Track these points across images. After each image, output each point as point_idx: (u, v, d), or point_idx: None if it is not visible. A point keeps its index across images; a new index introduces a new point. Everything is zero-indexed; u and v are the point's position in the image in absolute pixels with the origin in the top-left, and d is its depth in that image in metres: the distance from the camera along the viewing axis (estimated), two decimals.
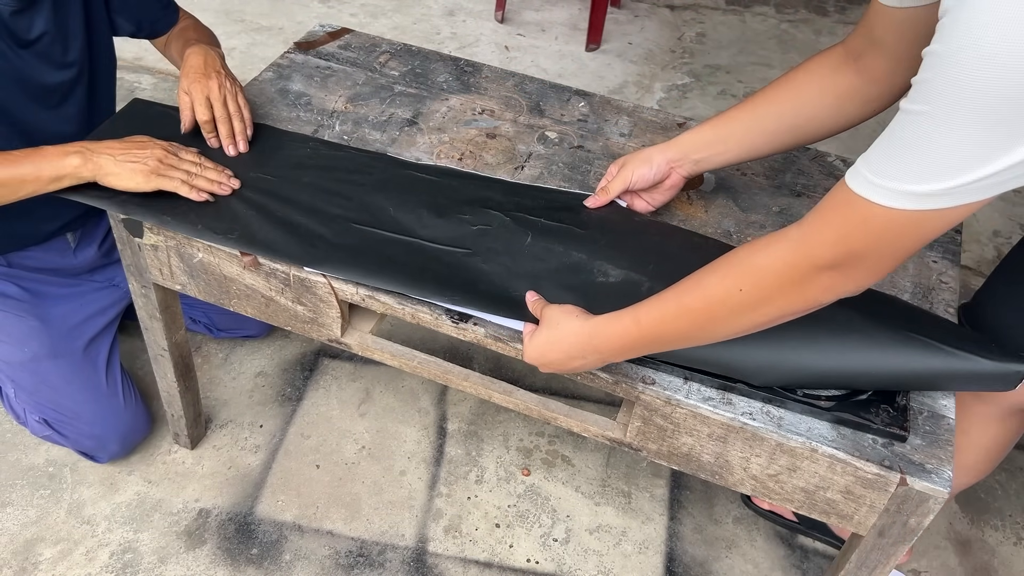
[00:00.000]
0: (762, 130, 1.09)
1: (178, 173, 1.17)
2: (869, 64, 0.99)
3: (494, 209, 1.19)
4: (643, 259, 1.12)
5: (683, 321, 0.89)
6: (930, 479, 0.95)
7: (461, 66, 1.53)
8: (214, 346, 1.83)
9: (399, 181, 1.24)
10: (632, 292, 1.07)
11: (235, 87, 1.30)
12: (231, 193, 1.20)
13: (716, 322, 0.88)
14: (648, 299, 0.92)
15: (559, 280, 1.10)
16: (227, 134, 1.26)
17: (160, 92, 2.55)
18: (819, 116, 1.05)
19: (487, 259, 1.12)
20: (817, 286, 0.80)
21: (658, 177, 1.16)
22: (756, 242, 0.85)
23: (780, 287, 0.82)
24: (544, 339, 1.00)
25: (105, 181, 1.16)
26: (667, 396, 1.03)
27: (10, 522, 1.50)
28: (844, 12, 3.29)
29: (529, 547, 1.53)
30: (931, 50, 0.65)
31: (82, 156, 1.15)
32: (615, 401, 1.73)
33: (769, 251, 0.82)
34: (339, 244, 1.14)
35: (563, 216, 1.19)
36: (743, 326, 0.87)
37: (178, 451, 1.63)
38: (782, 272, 0.81)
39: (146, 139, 1.20)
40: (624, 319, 0.93)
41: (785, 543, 1.57)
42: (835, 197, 0.77)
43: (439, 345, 1.83)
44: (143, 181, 1.15)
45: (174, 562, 1.47)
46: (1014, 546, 1.60)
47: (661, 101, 2.73)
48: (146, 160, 1.16)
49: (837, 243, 0.77)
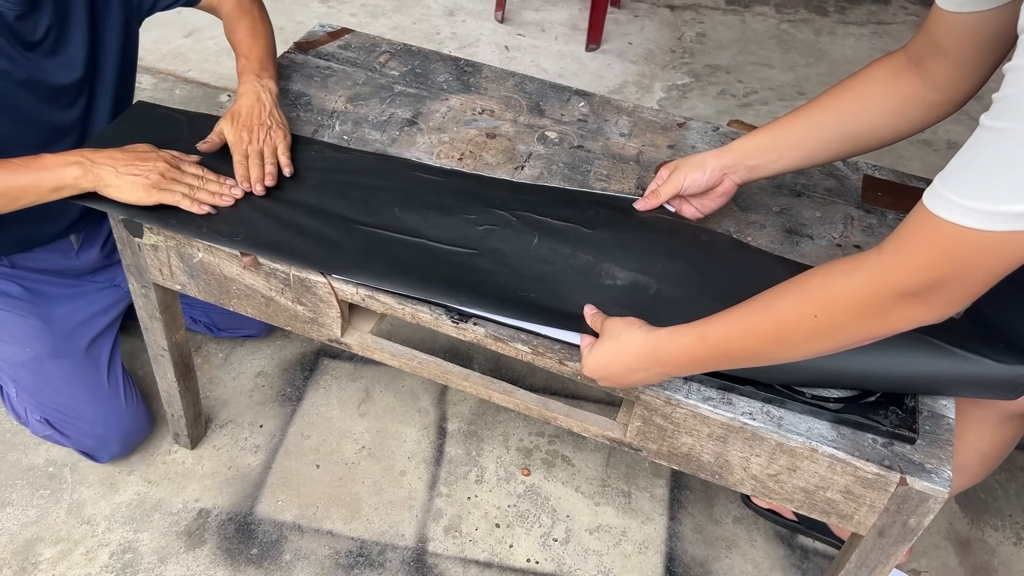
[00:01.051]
0: (819, 137, 1.06)
1: (180, 187, 1.16)
2: (931, 69, 0.97)
3: (500, 209, 1.19)
4: (651, 259, 1.11)
5: (751, 342, 0.87)
6: (930, 479, 0.95)
7: (461, 66, 1.53)
8: (214, 346, 1.83)
9: (404, 182, 1.24)
10: (640, 295, 1.07)
11: (275, 137, 1.25)
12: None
13: (786, 345, 0.85)
14: (714, 316, 0.89)
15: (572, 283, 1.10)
16: (242, 176, 1.21)
17: (160, 92, 2.55)
18: (880, 123, 1.03)
19: (494, 260, 1.13)
20: (897, 315, 0.77)
21: (711, 183, 1.14)
22: (833, 267, 0.81)
23: (858, 316, 0.78)
24: (605, 350, 0.98)
25: (105, 192, 1.15)
26: (667, 396, 1.03)
27: (10, 522, 1.50)
28: (844, 12, 3.29)
29: (529, 547, 1.53)
30: (1014, 65, 0.63)
31: (82, 167, 1.13)
32: (615, 401, 1.73)
33: (849, 279, 0.78)
34: (345, 246, 1.14)
35: (569, 215, 1.19)
36: (815, 351, 0.85)
37: (178, 451, 1.63)
38: (861, 301, 0.78)
39: (149, 148, 1.19)
40: (689, 334, 0.91)
41: (785, 543, 1.57)
42: (916, 222, 0.72)
43: (439, 345, 1.83)
44: (144, 195, 1.14)
45: (174, 562, 1.47)
46: (1014, 546, 1.60)
47: (661, 101, 2.73)
48: (148, 173, 1.15)
49: (921, 271, 0.73)
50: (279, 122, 1.27)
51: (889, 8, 3.34)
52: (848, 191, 1.32)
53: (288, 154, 1.25)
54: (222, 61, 2.72)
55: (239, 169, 1.21)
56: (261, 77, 1.30)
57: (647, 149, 1.37)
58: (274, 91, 1.30)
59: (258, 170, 1.21)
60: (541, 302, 1.08)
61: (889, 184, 1.34)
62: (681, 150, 1.37)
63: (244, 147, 1.22)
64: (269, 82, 1.30)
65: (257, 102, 1.26)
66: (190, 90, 2.59)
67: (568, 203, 1.22)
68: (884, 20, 3.26)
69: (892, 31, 3.20)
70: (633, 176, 1.31)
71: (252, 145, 1.22)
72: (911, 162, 2.55)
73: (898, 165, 2.50)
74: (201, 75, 2.65)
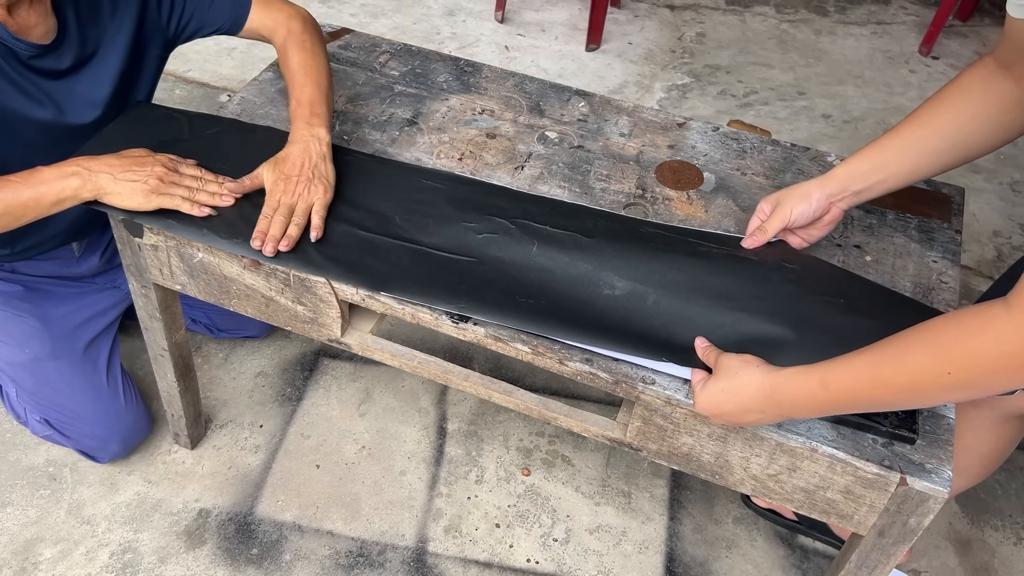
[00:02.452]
0: (923, 151, 1.05)
1: (179, 190, 1.15)
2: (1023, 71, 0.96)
3: (499, 217, 1.19)
4: (649, 269, 1.12)
5: (880, 393, 0.85)
6: (930, 479, 0.95)
7: (461, 66, 1.53)
8: (214, 346, 1.83)
9: (405, 188, 1.24)
10: (639, 306, 1.07)
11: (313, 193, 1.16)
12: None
13: (919, 398, 0.84)
14: (836, 361, 0.88)
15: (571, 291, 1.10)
16: (260, 230, 1.13)
17: (161, 92, 2.55)
18: (981, 129, 1.02)
19: (493, 268, 1.13)
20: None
21: (817, 213, 1.12)
22: (963, 322, 0.79)
23: (994, 374, 0.76)
24: (720, 389, 0.95)
25: (105, 200, 1.14)
26: (667, 396, 1.03)
27: (10, 522, 1.50)
28: (844, 12, 3.29)
29: (529, 547, 1.53)
30: None
31: (80, 178, 1.13)
32: (615, 401, 1.73)
33: (984, 338, 0.76)
34: (344, 250, 1.14)
35: (568, 224, 1.19)
36: (946, 400, 0.84)
37: (178, 451, 1.63)
38: (997, 359, 0.75)
39: (145, 153, 1.18)
40: (811, 379, 0.89)
41: (785, 543, 1.57)
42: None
43: (439, 345, 1.83)
44: (143, 201, 1.14)
45: (174, 562, 1.47)
46: (1014, 546, 1.60)
47: (661, 101, 2.73)
48: (146, 179, 1.14)
49: None
50: (322, 176, 1.18)
51: (889, 8, 3.34)
52: None
53: (323, 213, 1.16)
54: (222, 61, 2.72)
55: (261, 223, 1.14)
56: (312, 125, 1.22)
57: (647, 149, 1.37)
58: (324, 140, 1.22)
59: (280, 228, 1.13)
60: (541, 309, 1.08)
61: None
62: (681, 150, 1.37)
63: (277, 197, 1.15)
64: (320, 130, 1.22)
65: (304, 152, 1.19)
66: (190, 90, 2.59)
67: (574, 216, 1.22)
68: (884, 20, 3.26)
69: (892, 31, 3.20)
70: (633, 176, 1.31)
71: (286, 197, 1.15)
72: None
73: None
74: (201, 75, 2.65)
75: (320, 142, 1.21)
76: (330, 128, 1.25)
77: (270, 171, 1.19)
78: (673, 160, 1.35)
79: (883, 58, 3.03)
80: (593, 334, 1.05)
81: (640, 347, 1.04)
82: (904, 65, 2.99)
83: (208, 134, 1.30)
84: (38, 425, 1.53)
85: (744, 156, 1.37)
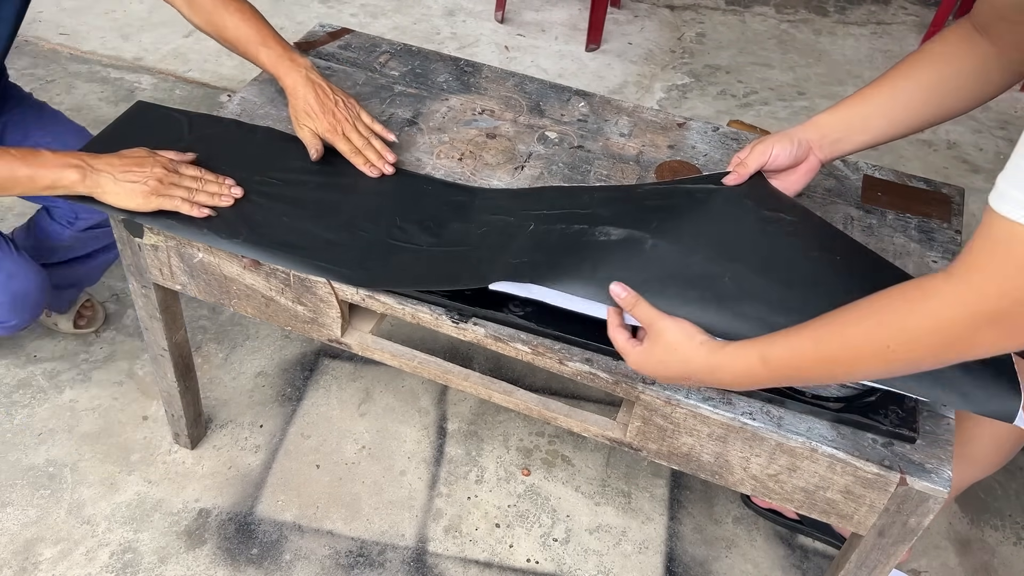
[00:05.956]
0: (904, 105, 1.04)
1: (179, 191, 1.15)
2: (1000, 33, 0.96)
3: (499, 214, 1.19)
4: (646, 219, 1.08)
5: (820, 369, 0.84)
6: (930, 479, 0.95)
7: (461, 66, 1.53)
8: (214, 346, 1.83)
9: (407, 190, 1.24)
10: (635, 249, 1.03)
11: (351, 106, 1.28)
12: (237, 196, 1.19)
13: (856, 371, 0.83)
14: (774, 337, 0.86)
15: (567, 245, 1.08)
16: (376, 158, 1.26)
17: (160, 92, 2.55)
18: (960, 85, 1.01)
19: (490, 247, 1.12)
20: (980, 345, 0.72)
21: (799, 157, 1.11)
22: (904, 294, 0.77)
23: (936, 347, 0.74)
24: (659, 360, 0.94)
25: (103, 199, 1.14)
26: (667, 396, 1.03)
27: (10, 522, 1.50)
28: (844, 12, 3.30)
29: (529, 547, 1.53)
30: None
31: (81, 172, 1.13)
32: (615, 401, 1.73)
33: (923, 309, 0.74)
34: (345, 250, 1.14)
35: (566, 203, 1.18)
36: (885, 375, 0.82)
37: (178, 451, 1.63)
38: (939, 333, 0.73)
39: (145, 153, 1.18)
40: (750, 356, 0.87)
41: (785, 543, 1.57)
42: (986, 232, 0.68)
43: (439, 345, 1.83)
44: (142, 202, 1.14)
45: (174, 562, 1.47)
46: (1014, 546, 1.60)
47: (661, 101, 2.73)
48: (146, 180, 1.14)
49: (1001, 295, 0.68)
50: (337, 90, 1.29)
51: (889, 8, 3.34)
52: (848, 191, 1.32)
53: (370, 116, 1.29)
54: (222, 61, 2.72)
55: (355, 158, 1.25)
56: (294, 60, 1.29)
57: (647, 149, 1.37)
58: (309, 65, 1.29)
59: (372, 152, 1.26)
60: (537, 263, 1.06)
61: (889, 184, 1.34)
62: (681, 150, 1.37)
63: (340, 131, 1.25)
64: (302, 59, 1.30)
65: (312, 84, 1.27)
66: (190, 90, 2.59)
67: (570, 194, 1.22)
68: (884, 20, 3.26)
69: (892, 31, 3.20)
70: (633, 176, 1.31)
71: (346, 125, 1.25)
72: (911, 162, 2.55)
73: (898, 165, 2.50)
74: (201, 75, 2.65)
75: (309, 68, 1.28)
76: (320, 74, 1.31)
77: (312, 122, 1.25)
78: (673, 160, 1.35)
79: (883, 58, 3.03)
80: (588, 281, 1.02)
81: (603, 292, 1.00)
82: None
83: (208, 134, 1.30)
84: None
85: None
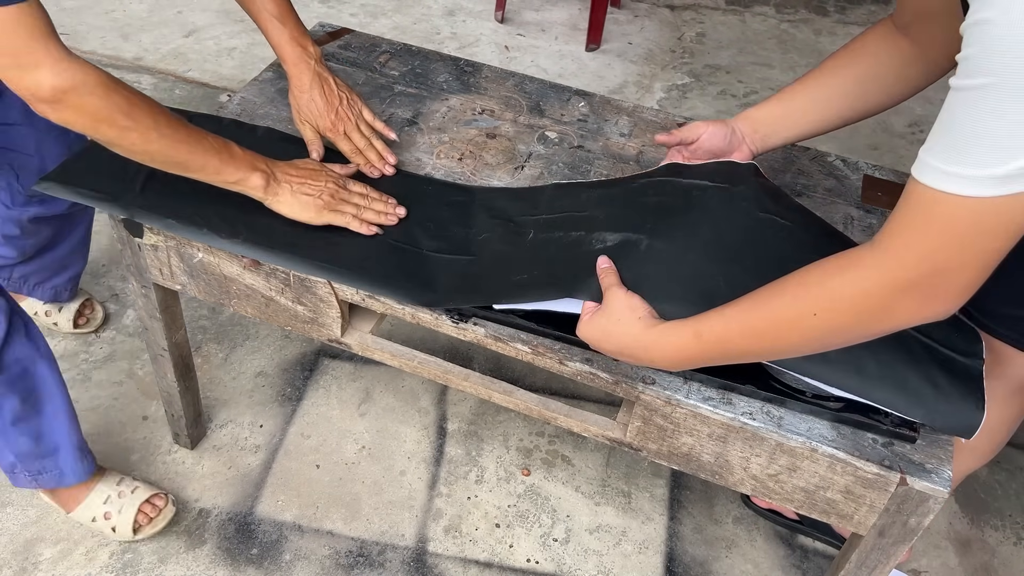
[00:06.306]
0: (828, 101, 1.09)
1: (349, 208, 1.15)
2: (920, 32, 0.99)
3: (499, 218, 1.19)
4: (641, 220, 1.09)
5: (749, 341, 0.85)
6: (930, 479, 0.95)
7: (461, 66, 1.53)
8: (214, 346, 1.83)
9: (405, 191, 1.24)
10: (631, 252, 1.04)
11: (355, 104, 1.27)
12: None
13: (784, 343, 0.84)
14: (709, 313, 0.88)
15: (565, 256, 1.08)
16: (377, 159, 1.26)
17: (160, 92, 2.55)
18: (884, 82, 1.05)
19: (491, 259, 1.12)
20: (899, 313, 0.74)
21: (733, 145, 1.14)
22: (829, 264, 0.79)
23: (858, 315, 0.76)
24: (601, 328, 0.96)
25: (274, 207, 1.14)
26: (667, 396, 1.03)
27: (10, 522, 1.50)
28: (844, 12, 3.29)
29: (529, 547, 1.53)
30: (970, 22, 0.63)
31: (265, 178, 1.12)
32: (615, 401, 1.73)
33: (844, 277, 0.76)
34: (344, 251, 1.14)
35: (564, 204, 1.18)
36: (815, 348, 0.84)
37: (178, 451, 1.63)
38: (860, 300, 0.75)
39: (318, 166, 1.19)
40: (684, 332, 0.89)
41: (785, 543, 1.57)
42: (907, 201, 0.71)
43: (439, 345, 1.83)
44: (315, 215, 1.14)
45: (174, 562, 1.47)
46: (1014, 546, 1.60)
47: (661, 101, 2.73)
48: (320, 194, 1.14)
49: (918, 259, 0.70)
50: (341, 87, 1.27)
51: (889, 8, 3.34)
52: (848, 191, 1.32)
53: (372, 113, 1.29)
54: (222, 61, 2.72)
55: (356, 158, 1.25)
56: (306, 49, 1.26)
57: (647, 149, 1.37)
58: (319, 56, 1.27)
59: (374, 153, 1.26)
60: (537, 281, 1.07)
61: (889, 184, 1.34)
62: None
63: (342, 129, 1.25)
64: (313, 47, 1.26)
65: (319, 80, 1.25)
66: (190, 90, 2.59)
67: (568, 195, 1.21)
68: None
69: None
70: None
71: (348, 124, 1.25)
72: (911, 162, 2.54)
73: (898, 165, 2.50)
74: (201, 75, 2.65)
75: (318, 60, 1.26)
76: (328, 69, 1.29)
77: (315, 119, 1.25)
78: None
79: None
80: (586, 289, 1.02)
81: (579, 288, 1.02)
82: None
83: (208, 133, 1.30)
84: None
85: None
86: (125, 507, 1.46)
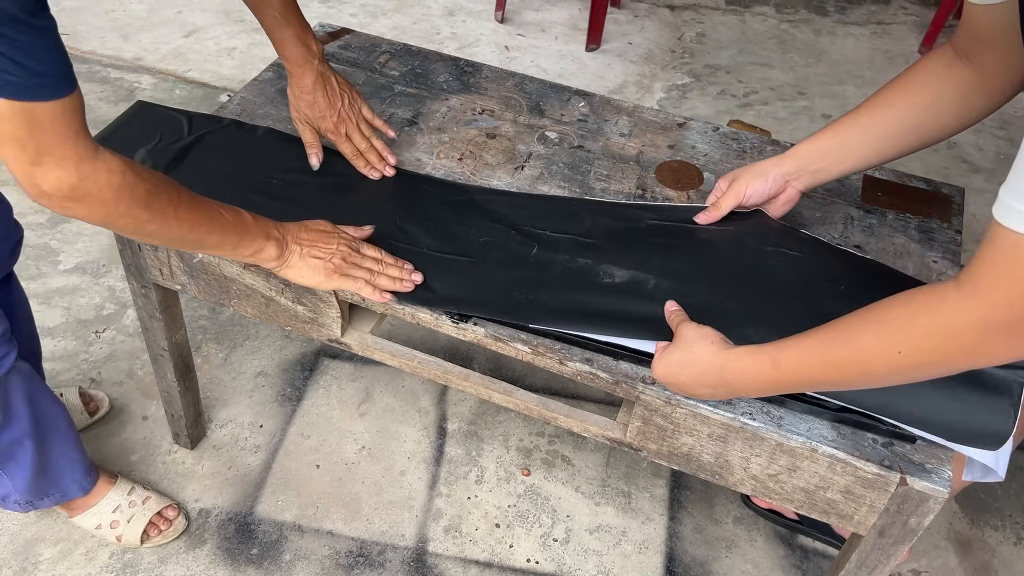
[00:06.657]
0: (884, 133, 1.05)
1: (361, 272, 1.09)
2: (982, 60, 0.97)
3: (500, 223, 1.19)
4: (649, 258, 1.12)
5: (830, 373, 0.84)
6: (930, 479, 0.95)
7: (461, 66, 1.53)
8: (214, 346, 1.83)
9: (406, 191, 1.24)
10: (639, 290, 1.08)
11: (356, 105, 1.26)
12: None
13: (868, 377, 0.82)
14: (787, 340, 0.86)
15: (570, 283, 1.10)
16: (377, 160, 1.26)
17: (160, 92, 2.55)
18: (943, 112, 1.02)
19: (494, 266, 1.13)
20: (987, 352, 0.72)
21: (773, 192, 1.12)
22: (913, 299, 0.77)
23: (946, 354, 0.75)
24: (676, 360, 0.95)
25: (282, 273, 1.09)
26: (667, 396, 1.03)
27: (10, 522, 1.50)
28: (844, 12, 3.29)
29: (529, 547, 1.53)
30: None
31: (279, 247, 1.06)
32: (615, 401, 1.73)
33: (932, 315, 0.74)
34: None
35: (568, 226, 1.19)
36: (898, 381, 0.82)
37: (178, 451, 1.63)
38: (948, 340, 0.73)
39: (329, 228, 1.12)
40: (762, 358, 0.88)
41: (785, 543, 1.57)
42: (993, 244, 0.69)
43: (439, 345, 1.83)
44: (324, 280, 1.08)
45: (174, 562, 1.47)
46: (1014, 546, 1.60)
47: (661, 101, 2.73)
48: (330, 257, 1.08)
49: (1010, 304, 0.68)
50: (343, 86, 1.25)
51: (889, 8, 3.34)
52: (848, 191, 1.32)
53: (372, 112, 1.28)
54: (222, 61, 2.72)
55: (357, 161, 1.25)
56: (309, 48, 1.22)
57: (647, 149, 1.37)
58: (322, 54, 1.24)
59: (374, 154, 1.26)
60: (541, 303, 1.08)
61: (889, 184, 1.34)
62: (681, 150, 1.37)
63: (344, 132, 1.24)
64: (316, 44, 1.23)
65: (322, 81, 1.23)
66: (190, 90, 2.59)
67: (571, 215, 1.22)
68: (884, 20, 3.26)
69: (892, 31, 3.20)
70: (633, 176, 1.31)
71: (349, 124, 1.24)
72: (911, 162, 2.55)
73: (898, 165, 2.49)
74: (201, 75, 2.65)
75: (321, 59, 1.24)
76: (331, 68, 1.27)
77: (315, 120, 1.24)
78: (673, 160, 1.35)
79: (883, 58, 3.03)
80: (592, 321, 1.05)
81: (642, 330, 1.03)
82: (904, 65, 2.97)
83: (208, 134, 1.30)
84: None
85: (744, 156, 1.37)
86: (135, 518, 1.45)
